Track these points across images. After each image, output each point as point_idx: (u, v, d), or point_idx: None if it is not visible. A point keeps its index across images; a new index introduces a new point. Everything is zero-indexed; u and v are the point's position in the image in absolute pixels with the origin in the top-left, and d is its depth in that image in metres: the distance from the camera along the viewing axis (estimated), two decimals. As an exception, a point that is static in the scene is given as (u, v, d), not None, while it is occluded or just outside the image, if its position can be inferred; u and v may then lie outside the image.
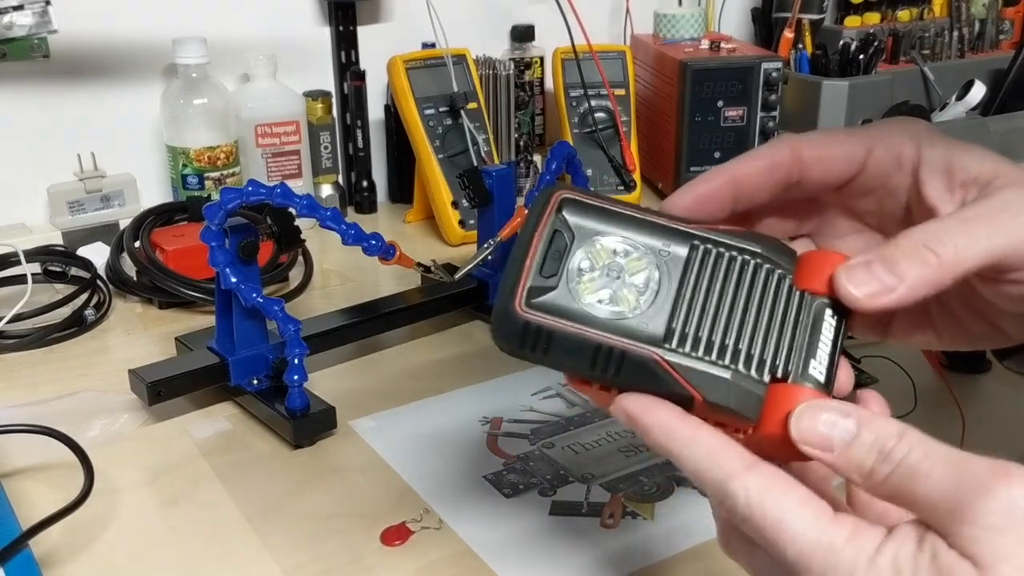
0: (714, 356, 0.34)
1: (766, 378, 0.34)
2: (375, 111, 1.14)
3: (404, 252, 0.70)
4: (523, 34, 1.19)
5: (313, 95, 1.08)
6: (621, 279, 0.36)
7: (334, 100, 1.11)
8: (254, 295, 0.65)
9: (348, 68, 1.11)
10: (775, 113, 1.10)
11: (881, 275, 0.35)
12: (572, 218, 0.37)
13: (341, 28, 1.10)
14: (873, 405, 0.36)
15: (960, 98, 1.20)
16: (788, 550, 0.31)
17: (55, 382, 0.74)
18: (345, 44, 1.11)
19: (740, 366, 0.34)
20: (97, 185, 0.99)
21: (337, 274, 0.97)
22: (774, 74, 1.08)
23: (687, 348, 0.34)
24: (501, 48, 1.21)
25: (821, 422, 0.33)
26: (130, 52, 1.02)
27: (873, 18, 1.30)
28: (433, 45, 1.07)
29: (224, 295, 0.68)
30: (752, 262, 0.36)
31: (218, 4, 1.05)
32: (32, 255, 0.89)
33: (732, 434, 0.35)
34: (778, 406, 0.34)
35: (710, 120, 1.10)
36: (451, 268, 0.83)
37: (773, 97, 1.09)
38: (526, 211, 0.78)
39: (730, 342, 0.35)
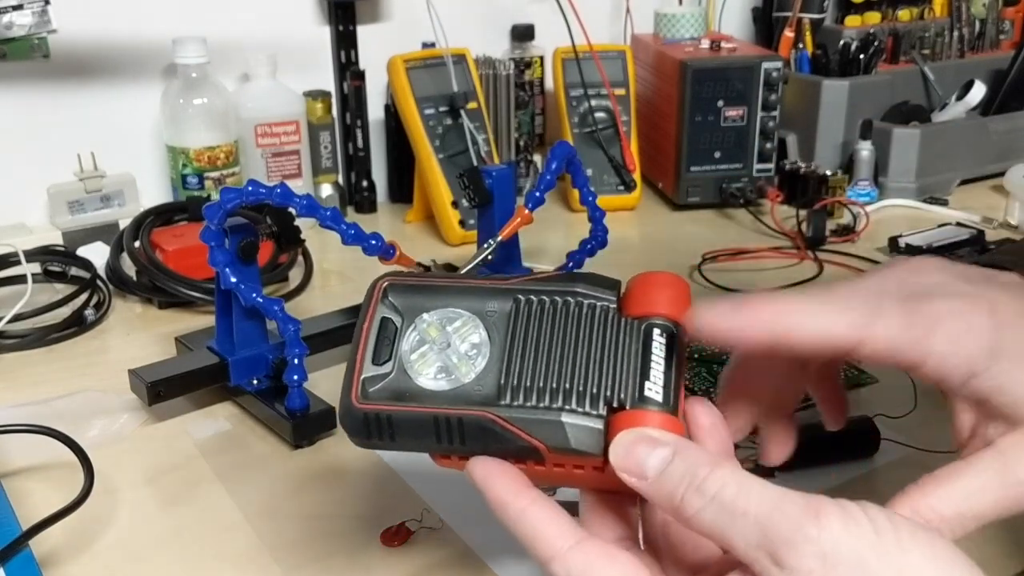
0: (547, 402, 0.34)
1: (602, 411, 0.34)
2: (375, 111, 1.14)
3: (404, 252, 0.70)
4: (523, 34, 1.19)
5: (313, 95, 1.08)
6: (451, 348, 0.36)
7: (334, 100, 1.11)
8: (254, 295, 0.65)
9: (348, 68, 1.11)
10: (775, 113, 1.09)
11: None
12: (398, 301, 0.37)
13: (341, 28, 1.10)
14: (702, 418, 0.35)
15: (960, 98, 1.20)
16: None
17: (55, 382, 0.74)
18: (345, 44, 1.11)
19: (573, 405, 0.34)
20: (97, 185, 0.99)
21: (337, 274, 0.97)
22: (774, 74, 1.08)
23: (520, 400, 0.34)
24: (501, 48, 1.21)
25: (638, 449, 0.32)
26: (130, 52, 1.02)
27: (873, 18, 1.30)
28: (433, 45, 1.07)
29: (224, 295, 0.68)
30: (573, 301, 0.36)
31: (218, 4, 1.05)
32: (32, 255, 0.89)
33: (593, 472, 0.34)
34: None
35: (710, 120, 1.10)
36: (451, 268, 0.83)
37: (773, 97, 1.09)
38: (526, 211, 0.78)
39: (560, 384, 0.34)
